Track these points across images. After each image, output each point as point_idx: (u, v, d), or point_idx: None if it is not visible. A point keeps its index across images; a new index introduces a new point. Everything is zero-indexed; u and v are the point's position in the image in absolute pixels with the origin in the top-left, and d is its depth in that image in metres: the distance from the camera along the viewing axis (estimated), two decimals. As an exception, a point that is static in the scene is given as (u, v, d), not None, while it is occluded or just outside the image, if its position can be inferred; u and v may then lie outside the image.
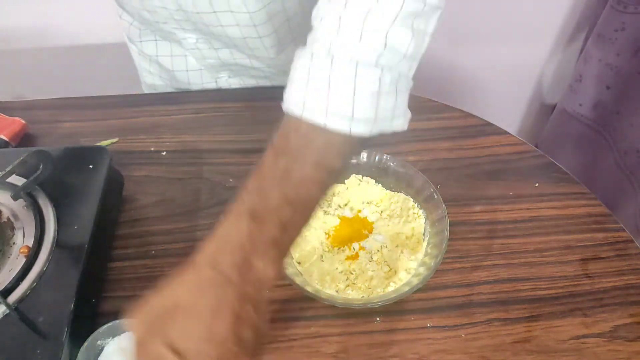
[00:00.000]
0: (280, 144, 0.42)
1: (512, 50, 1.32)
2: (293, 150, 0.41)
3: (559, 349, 0.55)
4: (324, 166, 0.41)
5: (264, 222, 0.39)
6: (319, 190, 0.41)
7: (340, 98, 0.40)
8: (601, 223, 0.64)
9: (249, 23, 0.66)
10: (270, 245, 0.39)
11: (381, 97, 0.41)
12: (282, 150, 0.41)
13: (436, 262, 0.55)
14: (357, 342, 0.56)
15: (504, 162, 0.71)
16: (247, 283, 0.39)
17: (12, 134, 0.73)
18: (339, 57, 0.40)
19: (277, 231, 0.40)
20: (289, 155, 0.41)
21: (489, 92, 1.42)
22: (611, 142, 1.25)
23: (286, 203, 0.40)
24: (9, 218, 0.59)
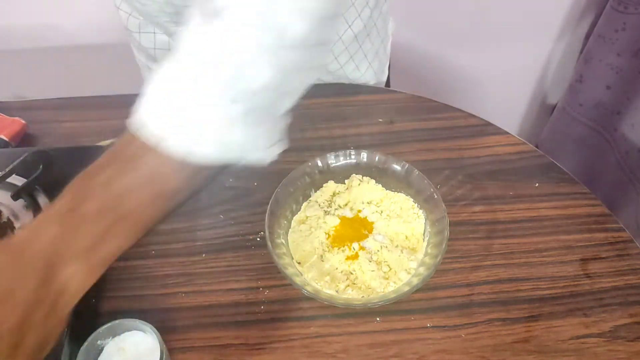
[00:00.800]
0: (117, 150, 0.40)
1: (512, 50, 1.32)
2: (125, 160, 0.39)
3: (559, 349, 0.55)
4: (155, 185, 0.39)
5: (76, 229, 0.37)
6: (147, 207, 0.39)
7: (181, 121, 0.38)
8: (601, 223, 0.64)
9: None
10: (80, 255, 0.37)
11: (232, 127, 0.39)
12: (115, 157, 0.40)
13: (436, 262, 0.55)
14: (357, 342, 0.56)
15: (504, 162, 0.71)
16: (45, 285, 0.36)
17: (12, 134, 0.73)
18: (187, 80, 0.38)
19: (88, 242, 0.37)
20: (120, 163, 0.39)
21: (489, 92, 1.42)
22: (612, 143, 1.25)
23: (104, 213, 0.37)
24: (9, 218, 0.59)
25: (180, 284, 0.61)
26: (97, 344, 0.52)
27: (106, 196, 0.38)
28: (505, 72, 1.37)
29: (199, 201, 0.68)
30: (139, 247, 0.64)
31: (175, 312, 0.58)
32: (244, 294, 0.59)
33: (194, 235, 0.65)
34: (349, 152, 0.65)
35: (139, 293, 0.60)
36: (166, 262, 0.62)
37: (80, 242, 0.37)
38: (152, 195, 0.39)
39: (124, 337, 0.53)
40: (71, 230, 0.37)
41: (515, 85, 1.45)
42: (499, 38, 1.30)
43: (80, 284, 0.38)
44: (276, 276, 0.60)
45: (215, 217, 0.67)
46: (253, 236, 0.64)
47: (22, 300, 0.35)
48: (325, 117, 0.77)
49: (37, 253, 0.36)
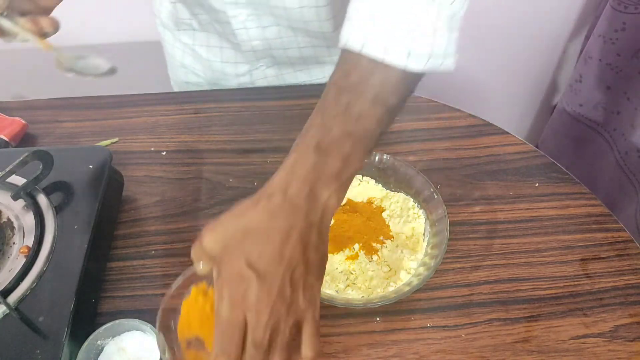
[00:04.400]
0: (340, 80, 0.44)
1: (512, 50, 1.32)
2: (352, 86, 0.43)
3: (559, 349, 0.55)
4: (381, 102, 0.43)
5: (328, 155, 0.42)
6: (377, 125, 0.43)
7: (399, 34, 0.42)
8: (601, 223, 0.64)
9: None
10: (333, 176, 0.42)
11: (437, 34, 0.43)
12: (342, 86, 0.43)
13: (436, 262, 0.55)
14: (357, 342, 0.56)
15: (504, 162, 0.71)
16: (312, 211, 0.41)
17: (12, 134, 0.73)
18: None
19: (339, 163, 0.42)
20: (348, 90, 0.43)
21: (489, 92, 1.42)
22: (611, 143, 1.25)
23: (347, 137, 0.42)
24: (9, 218, 0.59)
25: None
26: (97, 344, 0.52)
27: (346, 123, 0.42)
28: (505, 72, 1.37)
29: (199, 201, 0.68)
30: (139, 247, 0.64)
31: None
32: (244, 294, 0.59)
33: (194, 235, 0.65)
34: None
35: (139, 293, 0.60)
36: (166, 262, 0.62)
37: (331, 166, 0.42)
38: (381, 113, 0.43)
39: (123, 337, 0.53)
40: (323, 157, 0.42)
41: (515, 86, 1.45)
42: (499, 38, 1.30)
43: (336, 201, 0.43)
44: (276, 276, 0.60)
45: (215, 217, 0.66)
46: (253, 236, 0.64)
47: (300, 231, 0.41)
48: (325, 117, 0.77)
49: (300, 184, 0.41)
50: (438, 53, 0.43)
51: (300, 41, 0.75)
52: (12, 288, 0.52)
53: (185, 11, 0.77)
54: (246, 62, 0.81)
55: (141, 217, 0.67)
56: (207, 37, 0.80)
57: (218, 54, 0.81)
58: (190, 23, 0.79)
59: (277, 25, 0.73)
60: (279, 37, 0.75)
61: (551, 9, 1.27)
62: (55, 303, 0.52)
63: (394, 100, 0.43)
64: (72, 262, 0.55)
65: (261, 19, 0.72)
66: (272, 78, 0.83)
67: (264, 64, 0.81)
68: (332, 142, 0.42)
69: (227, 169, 0.71)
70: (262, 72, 0.82)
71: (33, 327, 0.51)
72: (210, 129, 0.76)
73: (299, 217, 0.41)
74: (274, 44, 0.76)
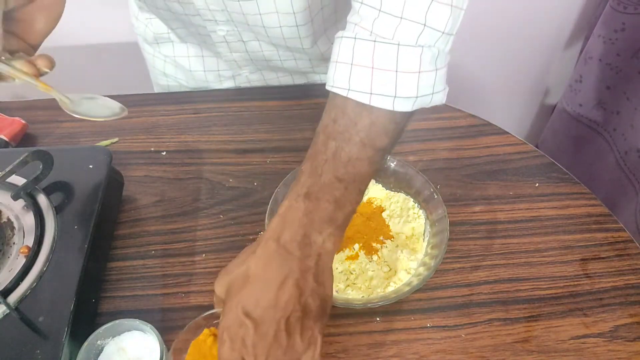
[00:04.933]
0: (329, 127, 0.45)
1: (512, 50, 1.32)
2: (340, 132, 0.44)
3: (559, 349, 0.55)
4: (370, 144, 0.44)
5: (319, 200, 0.44)
6: (369, 166, 0.44)
7: (384, 78, 0.42)
8: (601, 223, 0.64)
9: (288, 10, 0.65)
10: (326, 221, 0.44)
11: (422, 75, 0.43)
12: (330, 132, 0.44)
13: (436, 262, 0.55)
14: (357, 342, 0.56)
15: (504, 162, 0.71)
16: (306, 257, 0.43)
17: (12, 134, 0.73)
18: (381, 39, 0.42)
19: (332, 207, 0.44)
20: (336, 136, 0.44)
21: (489, 92, 1.42)
22: (611, 143, 1.25)
23: (337, 182, 0.44)
24: (9, 218, 0.59)
25: (180, 284, 0.61)
26: (97, 344, 0.52)
27: (336, 168, 0.44)
28: (505, 72, 1.37)
29: (199, 201, 0.68)
30: (139, 247, 0.64)
31: (175, 312, 0.58)
32: (244, 294, 0.59)
33: (194, 235, 0.65)
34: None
35: (139, 293, 0.60)
36: (166, 262, 0.62)
37: (323, 211, 0.43)
38: (371, 154, 0.44)
39: (123, 337, 0.53)
40: (315, 203, 0.43)
41: (515, 85, 1.45)
42: (498, 38, 1.30)
43: (332, 245, 0.44)
44: (276, 276, 0.60)
45: (215, 217, 0.67)
46: (253, 236, 0.64)
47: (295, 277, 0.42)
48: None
49: (293, 231, 0.43)
50: (425, 93, 0.44)
51: (281, 54, 0.76)
52: (12, 288, 0.52)
53: (162, 26, 0.78)
54: (229, 69, 0.81)
55: (141, 217, 0.67)
56: (186, 48, 0.80)
57: (200, 63, 0.81)
58: (168, 36, 0.79)
59: (258, 40, 0.73)
60: (260, 50, 0.75)
61: (551, 9, 1.27)
62: (55, 303, 0.52)
63: (384, 140, 0.44)
64: (72, 262, 0.55)
65: (241, 35, 0.72)
66: (256, 83, 0.84)
67: (248, 70, 0.81)
68: (322, 188, 0.44)
69: (227, 169, 0.71)
70: (245, 78, 0.83)
71: (33, 327, 0.51)
72: (210, 129, 0.76)
73: (294, 264, 0.43)
74: (255, 56, 0.77)
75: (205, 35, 0.73)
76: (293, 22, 0.67)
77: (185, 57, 0.81)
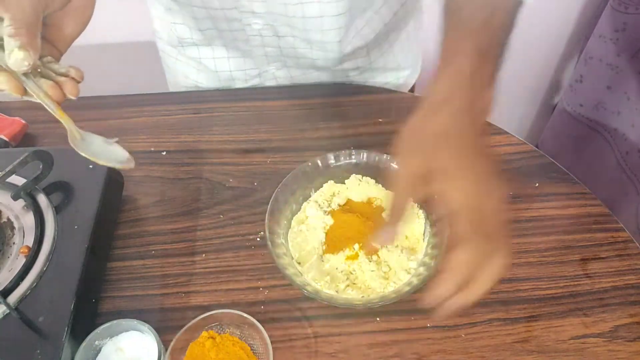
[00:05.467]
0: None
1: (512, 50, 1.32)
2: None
3: (559, 349, 0.55)
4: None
5: (486, 60, 0.48)
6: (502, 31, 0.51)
7: None
8: (601, 223, 0.64)
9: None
10: (491, 78, 0.49)
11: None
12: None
13: (436, 262, 0.55)
14: (357, 342, 0.56)
15: (504, 162, 0.71)
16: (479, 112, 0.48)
17: (12, 134, 0.73)
18: None
19: (492, 67, 0.49)
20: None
21: (489, 92, 1.42)
22: (612, 143, 1.25)
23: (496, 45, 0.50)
24: (9, 218, 0.59)
25: (180, 284, 0.61)
26: (95, 344, 0.52)
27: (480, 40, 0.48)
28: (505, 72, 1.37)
29: (199, 201, 0.68)
30: (139, 247, 0.64)
31: (175, 312, 0.58)
32: (244, 294, 0.59)
33: (194, 235, 0.65)
34: (349, 152, 0.65)
35: (139, 293, 0.60)
36: (166, 262, 0.62)
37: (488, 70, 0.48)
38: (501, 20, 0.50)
39: (121, 337, 0.53)
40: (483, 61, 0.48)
41: (515, 86, 1.44)
42: (499, 38, 1.29)
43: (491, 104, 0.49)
44: (276, 276, 0.60)
45: (215, 217, 0.67)
46: (253, 236, 0.64)
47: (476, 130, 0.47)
48: (325, 117, 0.77)
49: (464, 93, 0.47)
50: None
51: (313, 48, 0.76)
52: (12, 288, 0.52)
53: (186, 30, 0.77)
54: (256, 67, 0.81)
55: (141, 217, 0.67)
56: (212, 50, 0.80)
57: (226, 64, 0.81)
58: (192, 40, 0.79)
59: (293, 36, 0.73)
60: (293, 47, 0.75)
61: (551, 9, 1.27)
62: (55, 303, 0.52)
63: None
64: (72, 262, 0.55)
65: (277, 29, 0.72)
66: (282, 80, 0.83)
67: (275, 67, 0.81)
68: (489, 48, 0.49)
69: (227, 169, 0.71)
70: (271, 75, 0.82)
71: (33, 327, 0.51)
72: (210, 129, 0.77)
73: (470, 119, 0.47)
74: (286, 52, 0.77)
75: (237, 31, 0.73)
76: (334, 12, 0.68)
77: (210, 58, 0.81)
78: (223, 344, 0.52)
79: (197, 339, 0.53)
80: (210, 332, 0.53)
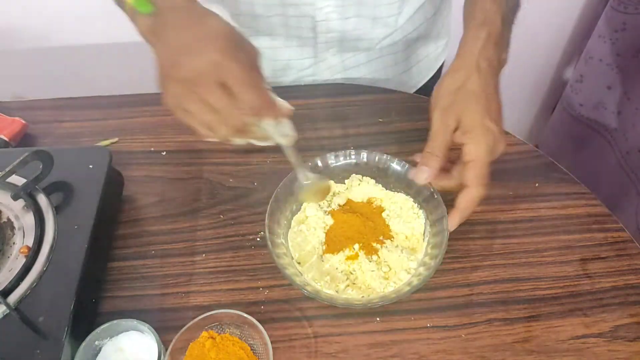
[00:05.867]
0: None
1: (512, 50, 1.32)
2: None
3: (559, 349, 0.55)
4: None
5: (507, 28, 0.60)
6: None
7: None
8: (601, 223, 0.64)
9: None
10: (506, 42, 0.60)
11: None
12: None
13: (436, 262, 0.55)
14: (357, 342, 0.56)
15: (504, 162, 0.70)
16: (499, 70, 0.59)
17: (12, 134, 0.73)
18: None
19: (509, 33, 0.60)
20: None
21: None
22: (612, 143, 1.25)
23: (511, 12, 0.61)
24: (9, 218, 0.59)
25: (180, 284, 0.61)
26: (95, 344, 0.52)
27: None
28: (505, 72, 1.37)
29: (199, 201, 0.68)
30: (139, 247, 0.64)
31: (175, 312, 0.58)
32: (244, 294, 0.59)
33: (194, 235, 0.65)
34: (349, 152, 0.65)
35: (139, 293, 0.60)
36: (166, 262, 0.62)
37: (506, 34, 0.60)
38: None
39: (121, 338, 0.53)
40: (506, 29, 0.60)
41: (515, 86, 1.45)
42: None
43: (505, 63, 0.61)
44: (276, 276, 0.60)
45: (215, 217, 0.67)
46: (253, 236, 0.64)
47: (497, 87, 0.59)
48: (325, 117, 0.77)
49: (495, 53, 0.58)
50: None
51: (374, 32, 0.78)
52: (12, 288, 0.52)
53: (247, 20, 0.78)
54: (313, 55, 0.82)
55: (141, 217, 0.67)
56: (271, 40, 0.80)
57: (284, 52, 0.82)
58: (256, 28, 0.79)
59: (358, 16, 0.75)
60: (356, 28, 0.77)
61: (552, 9, 1.27)
62: (55, 303, 0.52)
63: None
64: (72, 262, 0.55)
65: (346, 10, 0.74)
66: (336, 67, 0.84)
67: (330, 53, 0.82)
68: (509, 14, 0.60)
69: (227, 169, 0.71)
70: (326, 64, 0.84)
71: (33, 327, 0.51)
72: (210, 129, 0.76)
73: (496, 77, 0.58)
74: (349, 36, 0.78)
75: (303, 17, 0.74)
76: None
77: (269, 48, 0.81)
78: (223, 344, 0.52)
79: (197, 339, 0.53)
80: (210, 332, 0.53)
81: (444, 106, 0.56)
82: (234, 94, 0.48)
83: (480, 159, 0.55)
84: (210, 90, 0.47)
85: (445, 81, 0.58)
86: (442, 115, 0.56)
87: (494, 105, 0.56)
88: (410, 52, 0.87)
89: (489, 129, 0.55)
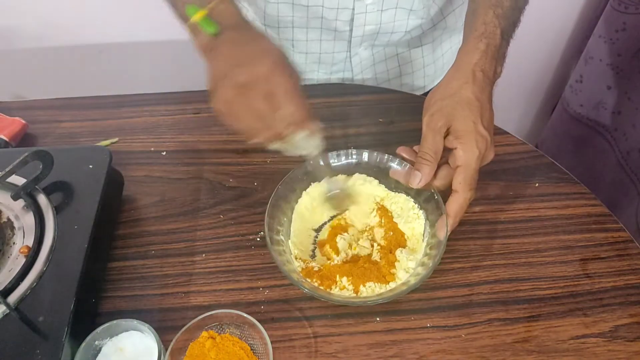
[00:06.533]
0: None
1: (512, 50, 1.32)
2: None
3: (559, 349, 0.55)
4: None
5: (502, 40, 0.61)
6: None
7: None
8: (601, 223, 0.64)
9: None
10: (503, 55, 0.62)
11: None
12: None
13: (435, 262, 0.55)
14: (357, 342, 0.56)
15: (504, 162, 0.71)
16: (494, 81, 0.61)
17: (12, 134, 0.73)
18: None
19: (506, 47, 0.62)
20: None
21: (489, 92, 1.42)
22: (612, 143, 1.25)
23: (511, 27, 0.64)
24: (9, 218, 0.59)
25: (180, 284, 0.61)
26: (95, 344, 0.52)
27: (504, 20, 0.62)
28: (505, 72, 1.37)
29: (199, 201, 0.68)
30: (139, 247, 0.64)
31: (175, 312, 0.58)
32: (244, 294, 0.59)
33: (194, 235, 0.65)
34: (350, 152, 0.65)
35: (139, 293, 0.60)
36: (166, 262, 0.62)
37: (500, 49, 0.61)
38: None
39: (121, 337, 0.53)
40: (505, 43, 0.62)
41: (515, 86, 1.45)
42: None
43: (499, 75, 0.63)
44: (276, 276, 0.60)
45: (215, 217, 0.67)
46: (253, 236, 0.64)
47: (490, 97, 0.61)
48: (325, 117, 0.77)
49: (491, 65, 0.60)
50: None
51: (409, 24, 0.79)
52: (12, 288, 0.52)
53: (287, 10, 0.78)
54: (345, 50, 0.83)
55: (141, 217, 0.67)
56: (306, 33, 0.81)
57: (317, 46, 0.83)
58: (292, 20, 0.80)
59: (396, 7, 0.76)
60: (392, 21, 0.78)
61: (552, 9, 1.27)
62: (55, 303, 0.52)
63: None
64: (72, 262, 0.55)
65: (386, 2, 0.75)
66: (365, 62, 0.85)
67: (363, 47, 0.83)
68: (509, 29, 0.62)
69: (227, 169, 0.71)
70: (357, 58, 0.85)
71: (33, 327, 0.51)
72: (210, 129, 0.76)
73: (490, 87, 0.60)
74: (384, 28, 0.79)
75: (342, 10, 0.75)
76: None
77: (303, 41, 0.82)
78: (223, 344, 0.52)
79: (197, 339, 0.53)
80: (210, 332, 0.53)
81: (434, 111, 0.58)
82: (279, 104, 0.51)
83: (470, 165, 0.56)
84: (259, 98, 0.51)
85: (439, 88, 0.59)
86: (432, 120, 0.58)
87: (486, 113, 0.58)
88: (436, 45, 0.88)
89: (481, 136, 0.56)
